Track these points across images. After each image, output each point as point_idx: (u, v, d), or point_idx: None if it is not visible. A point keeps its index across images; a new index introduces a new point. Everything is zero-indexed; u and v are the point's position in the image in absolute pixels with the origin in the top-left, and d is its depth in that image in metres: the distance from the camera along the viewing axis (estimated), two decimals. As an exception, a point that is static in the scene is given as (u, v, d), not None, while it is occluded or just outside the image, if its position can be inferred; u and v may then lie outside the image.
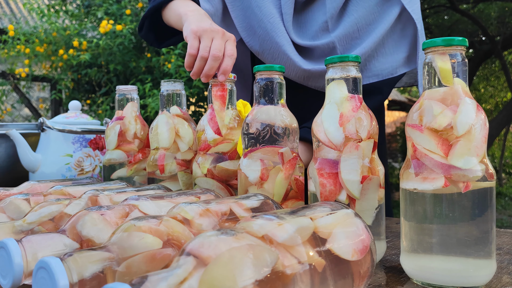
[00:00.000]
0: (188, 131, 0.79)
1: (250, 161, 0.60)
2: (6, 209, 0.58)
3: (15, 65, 3.59)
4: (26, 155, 1.03)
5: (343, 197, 0.53)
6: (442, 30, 5.30)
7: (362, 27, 0.88)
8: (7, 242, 0.40)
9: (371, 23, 0.89)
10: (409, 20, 0.88)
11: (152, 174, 0.79)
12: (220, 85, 0.72)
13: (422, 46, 0.49)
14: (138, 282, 0.28)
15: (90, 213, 0.44)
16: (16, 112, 4.58)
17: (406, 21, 0.89)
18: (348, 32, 0.88)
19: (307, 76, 0.90)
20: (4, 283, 0.40)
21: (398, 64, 0.90)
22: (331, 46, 0.88)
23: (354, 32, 0.88)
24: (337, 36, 0.88)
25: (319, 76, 0.90)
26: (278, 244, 0.34)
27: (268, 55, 0.92)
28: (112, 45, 2.99)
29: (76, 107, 1.18)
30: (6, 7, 6.00)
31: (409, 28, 0.90)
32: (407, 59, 0.90)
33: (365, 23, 0.88)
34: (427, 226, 0.47)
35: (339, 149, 0.53)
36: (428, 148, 0.47)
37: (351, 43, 0.89)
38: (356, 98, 0.54)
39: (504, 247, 0.63)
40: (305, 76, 0.90)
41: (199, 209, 0.44)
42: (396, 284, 0.49)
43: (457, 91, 0.47)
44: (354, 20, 0.88)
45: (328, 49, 0.89)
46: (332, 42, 0.88)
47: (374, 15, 0.88)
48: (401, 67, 0.90)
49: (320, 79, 0.91)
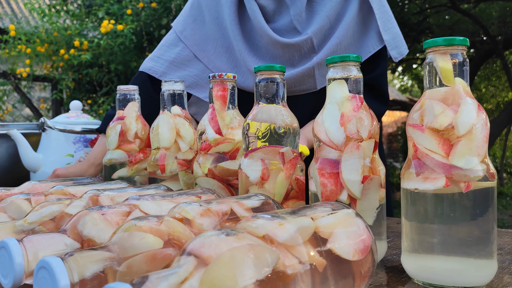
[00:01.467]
0: (189, 131, 0.79)
1: (251, 161, 0.60)
2: (7, 209, 0.58)
3: (16, 65, 3.59)
4: (27, 155, 1.03)
5: (344, 197, 0.53)
6: (443, 30, 5.29)
7: (333, 18, 0.94)
8: (8, 242, 0.40)
9: (339, 13, 0.95)
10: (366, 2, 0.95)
11: (153, 174, 0.79)
12: (221, 85, 0.72)
13: (424, 45, 0.49)
14: (139, 282, 0.28)
15: (91, 213, 0.44)
16: (17, 112, 4.59)
17: (366, 2, 0.95)
18: (322, 25, 0.94)
19: (294, 83, 0.96)
20: (5, 282, 0.40)
21: (372, 42, 0.96)
22: (309, 41, 0.94)
23: (326, 24, 0.94)
24: (313, 31, 0.93)
25: (304, 78, 0.95)
26: (279, 244, 0.34)
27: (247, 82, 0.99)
28: (113, 45, 2.99)
29: (77, 107, 1.19)
30: (7, 7, 6.01)
31: (370, 8, 0.95)
32: (378, 35, 0.96)
33: (335, 14, 0.94)
34: (428, 226, 0.47)
35: (340, 149, 0.53)
36: (429, 148, 0.46)
37: (325, 35, 0.95)
38: (357, 98, 0.54)
39: (505, 247, 0.63)
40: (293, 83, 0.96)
41: (200, 209, 0.44)
42: (397, 284, 0.49)
43: (458, 91, 0.47)
44: (325, 13, 0.94)
45: (307, 44, 0.94)
46: (309, 38, 0.93)
47: (340, 5, 0.94)
48: (376, 44, 0.96)
49: (307, 79, 0.95)
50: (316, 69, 0.94)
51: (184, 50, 1.03)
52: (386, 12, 0.96)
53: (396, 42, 0.96)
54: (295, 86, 0.96)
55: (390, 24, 0.95)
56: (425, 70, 0.49)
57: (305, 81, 0.95)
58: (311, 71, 0.94)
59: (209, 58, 1.02)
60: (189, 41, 1.03)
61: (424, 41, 0.49)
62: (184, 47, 1.03)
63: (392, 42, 0.95)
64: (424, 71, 0.50)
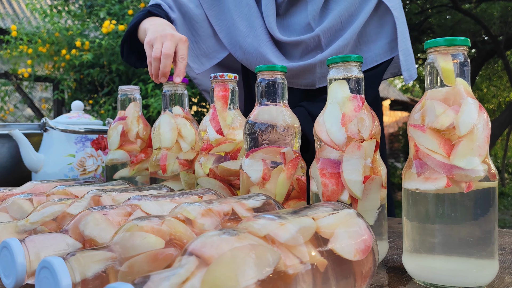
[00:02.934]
0: (190, 131, 0.79)
1: (252, 161, 0.60)
2: (9, 209, 0.58)
3: (17, 65, 3.60)
4: (28, 155, 1.04)
5: (345, 197, 0.53)
6: (444, 30, 5.28)
7: (345, 18, 0.92)
8: (10, 242, 0.40)
9: (353, 14, 0.92)
10: (386, 8, 0.92)
11: (154, 174, 0.79)
12: (222, 85, 0.72)
13: (425, 46, 0.49)
14: (140, 281, 0.28)
15: (93, 213, 0.45)
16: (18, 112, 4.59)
17: (384, 9, 0.93)
18: (332, 25, 0.92)
19: (293, 75, 0.94)
20: (7, 282, 0.40)
21: (380, 51, 0.93)
22: (316, 39, 0.92)
23: (337, 25, 0.92)
24: (322, 29, 0.91)
25: (304, 72, 0.93)
26: (280, 244, 0.34)
27: (254, 64, 0.97)
28: (114, 45, 2.99)
29: (78, 107, 1.19)
30: (8, 7, 6.02)
31: (387, 16, 0.93)
32: (388, 46, 0.93)
33: (348, 15, 0.92)
34: (429, 226, 0.47)
35: (341, 149, 0.53)
36: (430, 148, 0.46)
37: (335, 35, 0.93)
38: (358, 98, 0.54)
39: (506, 247, 0.62)
40: (292, 75, 0.94)
41: (201, 209, 0.44)
42: (398, 284, 0.49)
43: (459, 91, 0.47)
44: (338, 13, 0.92)
45: (314, 42, 0.92)
46: (317, 36, 0.91)
47: (355, 6, 0.92)
48: (384, 54, 0.93)
49: (307, 75, 0.94)
50: (318, 67, 0.93)
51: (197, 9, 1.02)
52: (404, 24, 0.92)
53: (408, 65, 0.92)
54: (293, 78, 0.95)
55: (407, 41, 0.92)
56: (426, 70, 0.49)
57: (305, 76, 0.95)
58: (312, 67, 0.93)
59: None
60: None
61: (425, 41, 0.49)
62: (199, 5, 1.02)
63: (405, 64, 0.91)
64: (425, 71, 0.50)
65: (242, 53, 0.98)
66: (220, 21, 1.01)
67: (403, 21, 0.92)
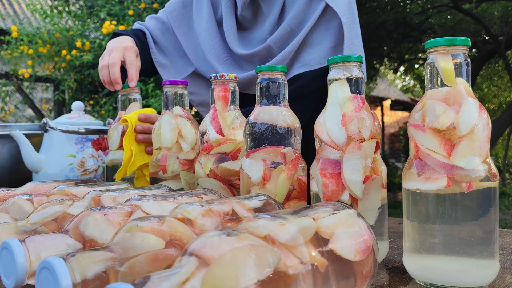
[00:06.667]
0: (190, 131, 0.79)
1: (253, 161, 0.60)
2: (10, 210, 0.58)
3: (18, 66, 3.60)
4: (29, 156, 1.04)
5: (346, 197, 0.53)
6: (445, 30, 5.28)
7: (295, 26, 0.95)
8: (11, 242, 0.40)
9: (302, 21, 0.95)
10: (334, 13, 0.92)
11: (154, 174, 0.79)
12: (222, 85, 0.72)
13: (425, 46, 0.49)
14: (140, 282, 0.28)
15: (93, 214, 0.45)
16: (19, 112, 4.60)
17: (331, 14, 0.93)
18: (283, 34, 0.95)
19: (246, 84, 0.99)
20: (8, 283, 0.40)
21: (325, 54, 0.94)
22: (268, 49, 0.96)
23: (288, 33, 0.95)
24: (272, 39, 0.95)
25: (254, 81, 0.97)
26: (280, 244, 0.34)
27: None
28: (115, 45, 2.99)
29: (79, 108, 1.19)
30: (9, 8, 6.02)
31: (334, 20, 0.93)
32: (333, 50, 0.94)
33: (297, 22, 0.95)
34: (429, 226, 0.47)
35: (342, 149, 0.53)
36: (430, 148, 0.46)
37: (286, 42, 0.96)
38: (359, 98, 0.54)
39: (507, 247, 0.62)
40: (244, 85, 0.99)
41: (201, 209, 0.44)
42: (398, 284, 0.49)
43: (460, 91, 0.47)
44: (287, 22, 0.94)
45: (267, 52, 0.96)
46: (268, 46, 0.95)
47: (304, 13, 0.94)
48: (327, 58, 0.94)
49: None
50: None
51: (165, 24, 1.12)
52: (354, 30, 0.92)
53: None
54: (246, 89, 1.00)
55: (356, 47, 0.91)
56: (426, 70, 0.49)
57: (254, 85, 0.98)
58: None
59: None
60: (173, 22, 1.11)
61: (426, 41, 0.49)
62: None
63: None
64: (426, 71, 0.50)
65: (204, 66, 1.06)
66: (187, 38, 1.10)
67: (353, 27, 0.92)
